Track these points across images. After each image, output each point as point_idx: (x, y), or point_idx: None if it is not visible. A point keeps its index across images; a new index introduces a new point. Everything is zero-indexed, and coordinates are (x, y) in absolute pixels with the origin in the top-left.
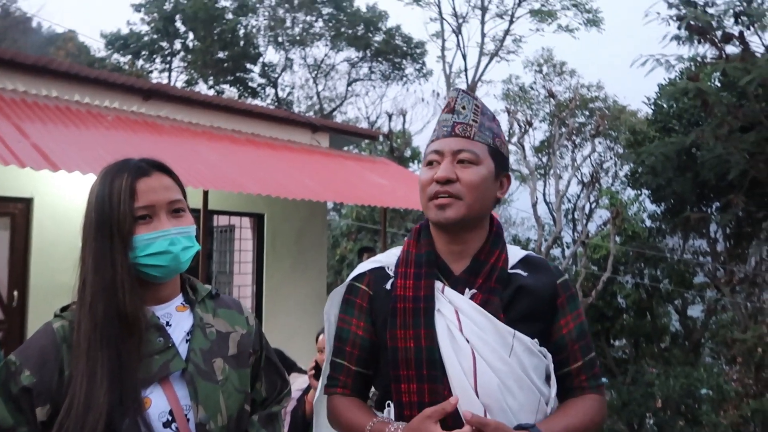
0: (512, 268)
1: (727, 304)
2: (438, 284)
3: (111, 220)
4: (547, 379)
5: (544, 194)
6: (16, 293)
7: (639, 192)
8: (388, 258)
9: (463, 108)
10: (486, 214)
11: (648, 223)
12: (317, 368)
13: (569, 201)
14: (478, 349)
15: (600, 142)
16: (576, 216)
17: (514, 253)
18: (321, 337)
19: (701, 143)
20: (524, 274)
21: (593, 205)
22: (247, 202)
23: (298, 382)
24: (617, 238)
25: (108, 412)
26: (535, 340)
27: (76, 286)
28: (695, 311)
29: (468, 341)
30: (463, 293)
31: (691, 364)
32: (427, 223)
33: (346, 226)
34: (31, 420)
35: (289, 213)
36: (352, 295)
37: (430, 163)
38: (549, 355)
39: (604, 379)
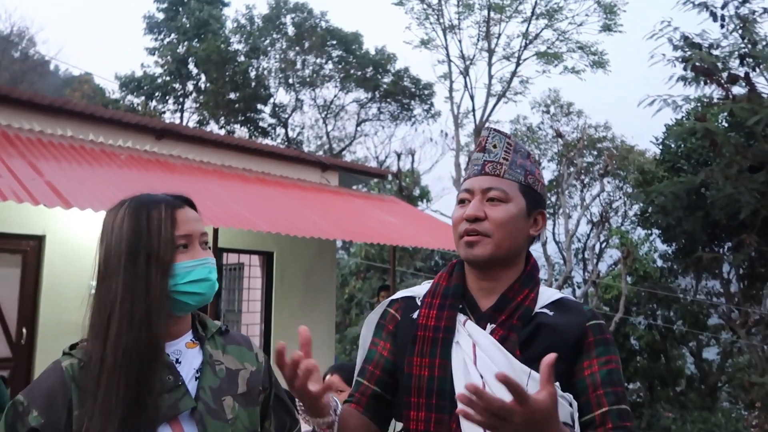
0: (541, 308)
1: (743, 347)
2: (461, 317)
3: (150, 249)
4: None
5: (553, 233)
6: (24, 330)
7: (649, 231)
8: (421, 289)
9: (494, 147)
10: (518, 252)
11: (659, 263)
12: None
13: (579, 240)
14: (490, 384)
15: (609, 182)
16: (586, 255)
17: (549, 295)
18: (328, 377)
19: (711, 183)
20: (550, 313)
21: (603, 245)
22: (257, 240)
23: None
24: (628, 278)
25: None
26: (557, 383)
27: (88, 322)
28: (711, 353)
29: (482, 376)
30: (485, 328)
31: (708, 409)
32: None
33: (354, 264)
34: None
35: (298, 251)
36: (383, 319)
37: (461, 201)
38: (575, 403)
39: None
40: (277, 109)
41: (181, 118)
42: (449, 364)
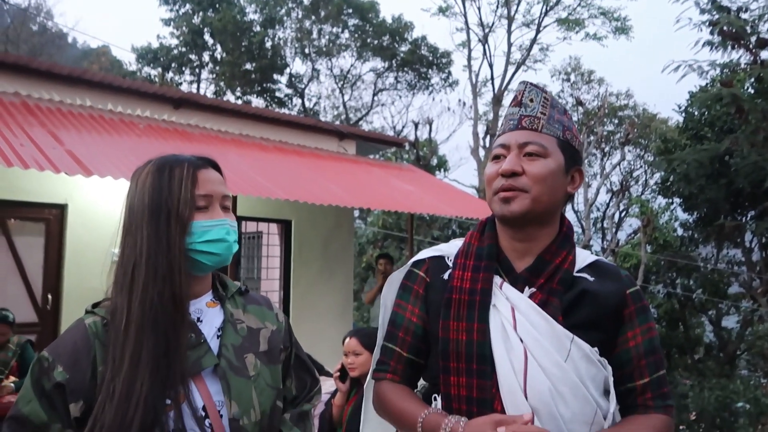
0: (578, 271)
1: (763, 315)
2: (497, 279)
3: (170, 205)
4: (606, 393)
5: (572, 203)
6: (50, 296)
7: (670, 200)
8: (449, 248)
9: (531, 101)
10: (554, 211)
11: (680, 232)
12: (343, 371)
13: (598, 209)
14: (532, 349)
15: (630, 150)
16: (605, 225)
17: (583, 257)
18: (347, 340)
19: (735, 150)
20: (590, 278)
21: (623, 214)
22: (275, 209)
23: (325, 386)
24: (648, 247)
25: (147, 400)
26: (595, 348)
27: (113, 277)
28: (730, 322)
29: (522, 340)
30: (522, 291)
31: (726, 377)
32: (493, 217)
33: (372, 233)
34: (65, 416)
35: (316, 220)
36: (410, 281)
37: (496, 158)
38: (609, 367)
39: (671, 402)
40: (293, 79)
41: (198, 89)
42: (488, 329)
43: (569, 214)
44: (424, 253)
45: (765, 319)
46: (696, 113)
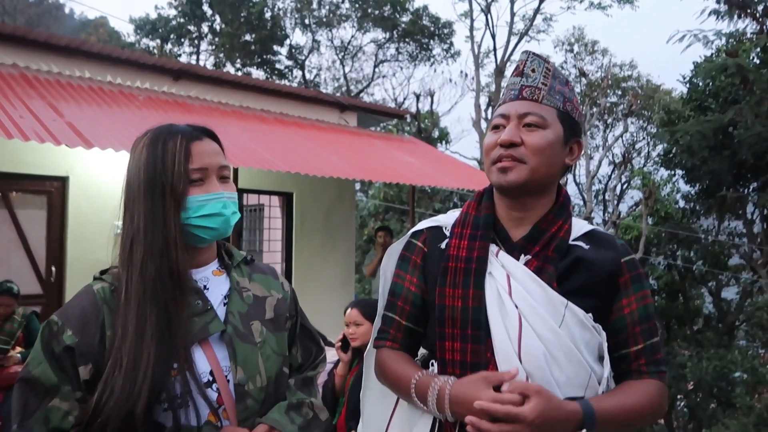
0: (574, 240)
1: (763, 286)
2: (493, 248)
3: (164, 180)
4: (600, 359)
5: (574, 175)
6: (53, 268)
7: (673, 172)
8: (447, 219)
9: (533, 71)
10: (552, 181)
11: (681, 204)
12: (344, 341)
13: (600, 182)
14: (526, 315)
15: (632, 122)
16: (607, 197)
17: (579, 227)
18: (348, 311)
19: (739, 122)
20: (585, 246)
21: (624, 186)
22: (276, 181)
23: (328, 356)
24: (649, 219)
25: (154, 369)
26: (590, 315)
27: (118, 248)
28: (730, 293)
29: (516, 306)
30: (518, 259)
31: (724, 347)
32: (491, 187)
33: (373, 206)
34: (74, 379)
35: (317, 192)
36: (408, 252)
37: (496, 127)
38: (603, 333)
39: (664, 368)
40: (293, 50)
41: (197, 60)
42: (483, 295)
43: (570, 187)
44: (423, 224)
45: (765, 290)
46: (700, 84)
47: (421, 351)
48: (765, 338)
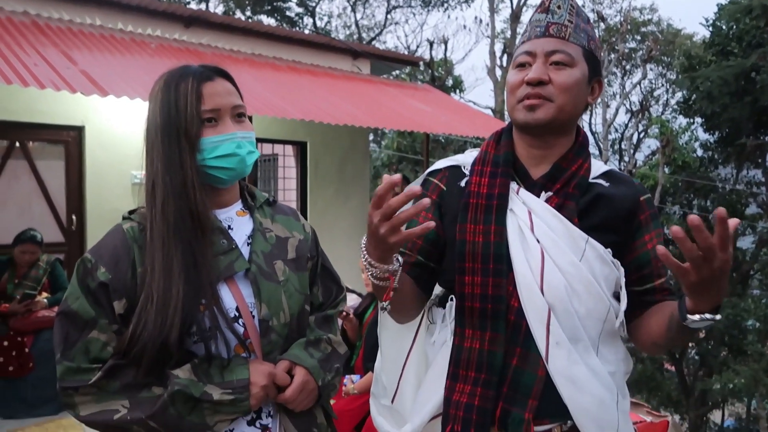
0: (593, 178)
1: None
2: (513, 185)
3: (178, 123)
4: (617, 294)
5: (590, 123)
6: (74, 217)
7: (691, 120)
8: (465, 158)
9: (558, 8)
10: (575, 120)
11: (699, 152)
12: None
13: (616, 131)
14: (548, 249)
15: (651, 69)
16: (623, 146)
17: (598, 166)
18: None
19: (762, 66)
20: (606, 184)
21: (641, 135)
22: (290, 130)
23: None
24: (666, 168)
25: (184, 304)
26: (609, 250)
27: (144, 189)
28: (746, 242)
29: (538, 241)
30: (538, 197)
31: (738, 296)
32: (509, 127)
33: (386, 156)
34: (110, 312)
35: (331, 142)
36: (424, 189)
37: (521, 65)
38: (621, 269)
39: None
40: None
41: (207, 7)
42: (505, 231)
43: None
44: (441, 163)
45: None
46: (724, 27)
47: (438, 289)
48: None
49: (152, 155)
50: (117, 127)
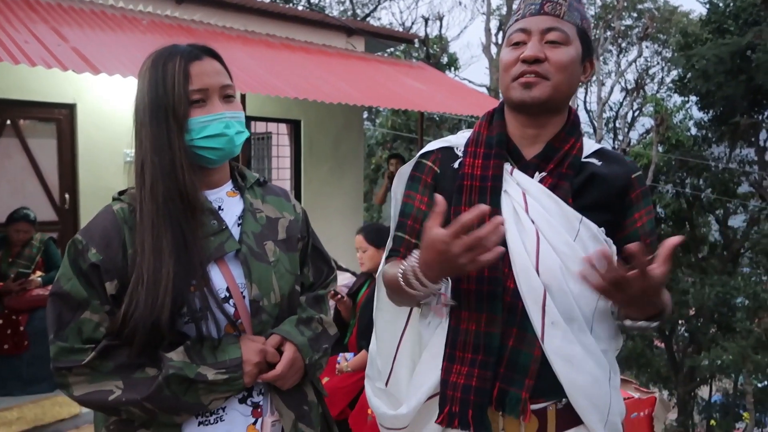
0: (586, 157)
1: None
2: (507, 166)
3: (166, 104)
4: None
5: (585, 102)
6: (67, 196)
7: (686, 99)
8: (457, 139)
9: None
10: (568, 99)
11: (694, 131)
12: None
13: (611, 109)
14: (543, 230)
15: (647, 46)
16: (617, 124)
17: (590, 145)
18: (356, 237)
19: (758, 44)
20: (598, 163)
21: (636, 113)
22: (284, 109)
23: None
24: (660, 147)
25: (175, 285)
26: (602, 229)
27: (133, 169)
28: (737, 221)
29: (533, 222)
30: (532, 177)
31: (728, 274)
32: (501, 107)
33: (381, 135)
34: (102, 293)
35: (325, 120)
36: (418, 172)
37: (515, 44)
38: (614, 246)
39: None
40: None
41: None
42: (500, 212)
43: (581, 114)
44: (433, 145)
45: None
46: (720, 5)
47: None
48: None
49: (141, 135)
50: (109, 105)
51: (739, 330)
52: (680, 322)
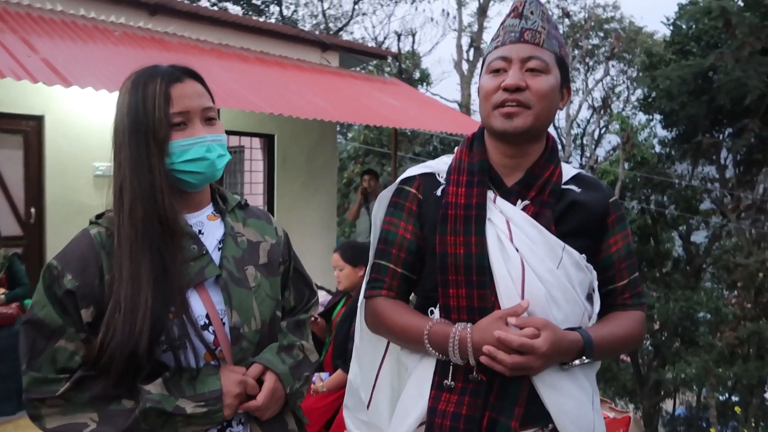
0: (565, 183)
1: (732, 230)
2: (490, 194)
3: (146, 126)
4: (589, 297)
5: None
6: (33, 210)
7: (651, 117)
8: (438, 165)
9: (532, 13)
10: (547, 126)
11: (658, 149)
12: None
13: (579, 126)
14: (527, 259)
15: (613, 65)
16: (585, 141)
17: (567, 170)
18: (335, 255)
19: (720, 66)
20: (577, 190)
21: (603, 131)
22: (257, 123)
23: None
24: (626, 164)
25: (153, 312)
26: (583, 255)
27: (110, 192)
28: (699, 237)
29: (517, 251)
30: (515, 204)
31: (691, 289)
32: (481, 132)
33: (353, 149)
34: (77, 321)
35: (299, 134)
36: (401, 198)
37: (495, 71)
38: (594, 272)
39: (644, 300)
40: None
41: None
42: (485, 241)
43: (550, 130)
44: (414, 171)
45: (733, 233)
46: (684, 27)
47: (412, 297)
48: (730, 280)
49: (120, 158)
50: (79, 117)
51: (702, 344)
52: (646, 336)
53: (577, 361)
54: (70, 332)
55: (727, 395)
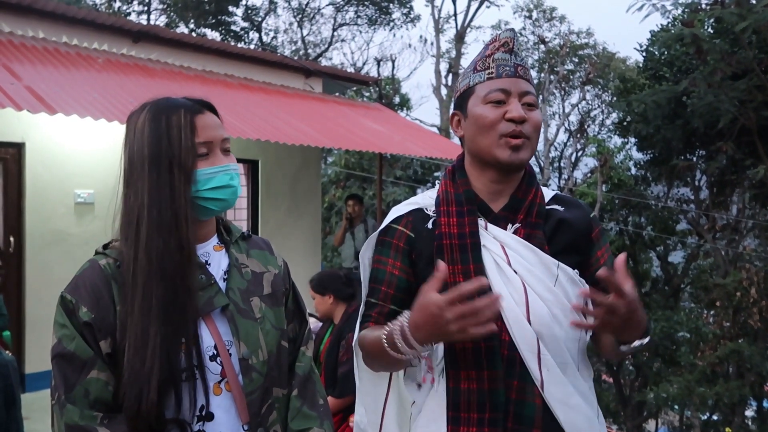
0: (548, 204)
1: (708, 250)
2: (480, 221)
3: (171, 155)
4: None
5: None
6: (12, 239)
7: (626, 140)
8: (424, 200)
9: (518, 50)
10: None
11: (633, 171)
12: None
13: (556, 149)
14: (527, 280)
15: (588, 90)
16: (562, 164)
17: (546, 192)
18: (309, 285)
19: (692, 91)
20: (561, 209)
21: (580, 154)
22: (241, 148)
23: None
24: (603, 186)
25: (163, 345)
26: (576, 271)
27: (117, 224)
28: (676, 257)
29: (517, 273)
30: (505, 229)
31: (670, 309)
32: (460, 163)
33: (334, 173)
34: (99, 353)
35: (283, 160)
36: (388, 237)
37: (497, 102)
38: (587, 286)
39: None
40: (249, 11)
41: (148, 20)
42: (483, 267)
43: None
44: (401, 209)
45: (710, 254)
46: (656, 53)
47: None
48: (708, 300)
49: (137, 188)
50: (60, 144)
51: (684, 364)
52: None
53: (637, 342)
54: (100, 363)
55: (708, 414)
